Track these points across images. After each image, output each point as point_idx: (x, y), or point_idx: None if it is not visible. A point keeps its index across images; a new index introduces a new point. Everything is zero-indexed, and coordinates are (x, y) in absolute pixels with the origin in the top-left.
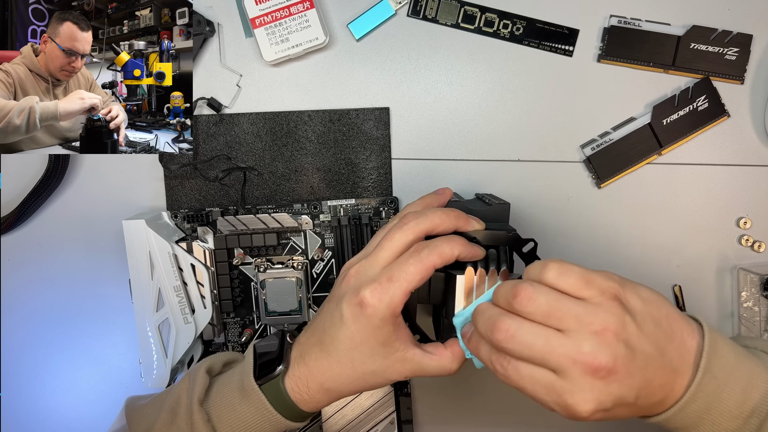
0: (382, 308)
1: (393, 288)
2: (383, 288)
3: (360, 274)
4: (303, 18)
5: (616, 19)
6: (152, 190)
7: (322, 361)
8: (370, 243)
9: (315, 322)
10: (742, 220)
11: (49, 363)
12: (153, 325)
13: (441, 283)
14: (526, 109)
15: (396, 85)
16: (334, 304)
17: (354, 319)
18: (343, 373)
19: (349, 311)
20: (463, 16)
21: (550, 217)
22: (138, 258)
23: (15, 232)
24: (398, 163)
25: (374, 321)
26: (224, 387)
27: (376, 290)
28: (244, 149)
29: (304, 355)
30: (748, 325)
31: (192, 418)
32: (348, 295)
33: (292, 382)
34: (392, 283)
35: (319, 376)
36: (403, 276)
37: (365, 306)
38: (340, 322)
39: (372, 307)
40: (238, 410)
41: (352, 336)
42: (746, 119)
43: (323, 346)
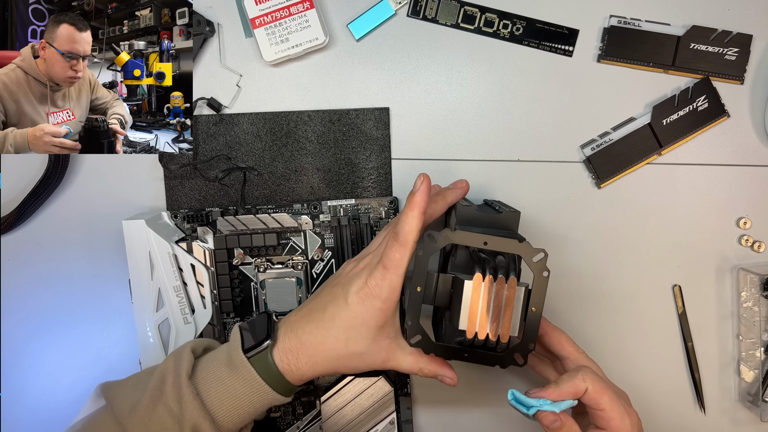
0: (384, 293)
1: (390, 275)
2: (383, 276)
3: (367, 266)
4: (303, 18)
5: (616, 19)
6: (152, 190)
7: (316, 336)
8: (373, 241)
9: (312, 304)
10: (742, 220)
11: (49, 363)
12: (153, 325)
13: (448, 286)
14: (526, 109)
15: (396, 85)
16: (339, 289)
17: (359, 302)
18: (334, 348)
19: (356, 298)
20: (463, 17)
21: (550, 217)
22: (138, 258)
23: (15, 232)
24: (398, 163)
25: (377, 304)
26: (211, 363)
27: (378, 278)
28: (244, 149)
29: (296, 330)
30: (747, 325)
31: (180, 392)
32: (356, 283)
33: (281, 354)
34: (387, 270)
35: (311, 349)
36: (393, 263)
37: (371, 292)
38: (344, 304)
39: (376, 293)
40: (226, 383)
41: (354, 316)
42: (746, 119)
43: (321, 323)
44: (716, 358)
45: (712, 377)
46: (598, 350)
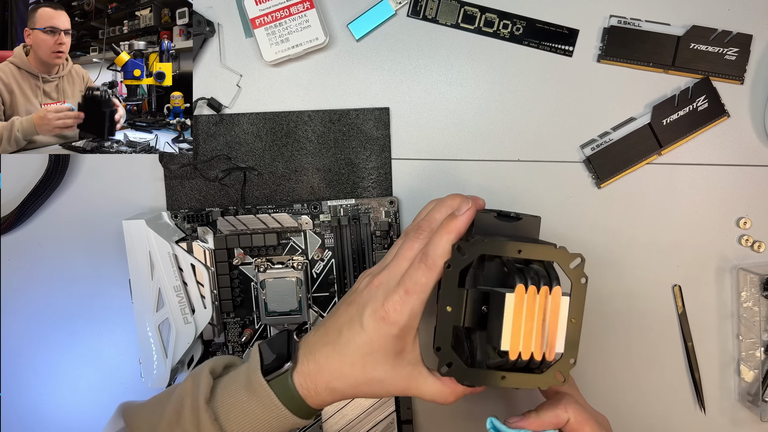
0: (403, 320)
1: (411, 300)
2: (403, 301)
3: (383, 285)
4: (303, 18)
5: (615, 19)
6: (152, 190)
7: (334, 361)
8: (389, 252)
9: (329, 323)
10: (742, 220)
11: (49, 363)
12: (153, 325)
13: (480, 303)
14: (526, 109)
15: (396, 85)
16: (354, 310)
17: (375, 329)
18: (352, 375)
19: (372, 321)
20: (463, 17)
21: (550, 217)
22: (138, 258)
23: (15, 232)
24: (398, 163)
25: (394, 331)
26: (230, 385)
27: (397, 303)
28: (244, 149)
29: (314, 353)
30: (747, 325)
31: (198, 417)
32: (371, 305)
33: (301, 378)
34: (410, 296)
35: (328, 374)
36: (417, 288)
37: (388, 318)
38: (360, 329)
39: (394, 319)
40: (245, 407)
41: (371, 342)
42: (746, 119)
43: (338, 347)
44: (716, 358)
45: (712, 377)
46: (598, 350)
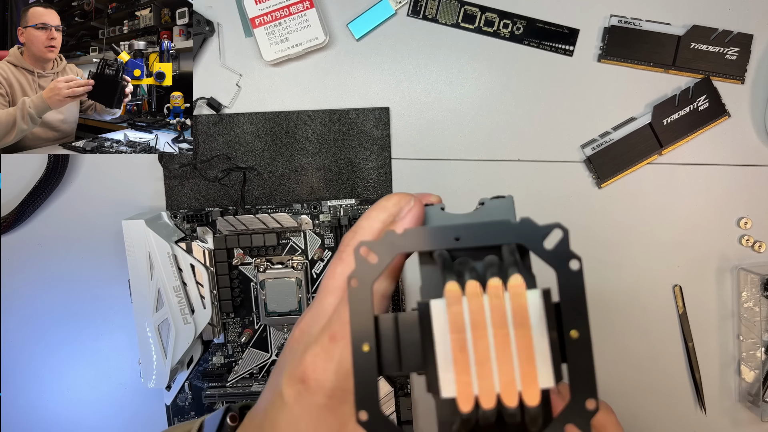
0: (328, 380)
1: (338, 349)
2: (327, 352)
3: (304, 335)
4: (303, 18)
5: (616, 18)
6: (152, 190)
7: None
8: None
9: (259, 401)
10: (743, 220)
11: (49, 363)
12: (152, 326)
13: (415, 330)
14: (526, 109)
15: (396, 85)
16: (276, 377)
17: (296, 399)
18: None
19: (290, 389)
20: (463, 16)
21: (550, 218)
22: (137, 258)
23: (15, 232)
24: (398, 163)
25: (320, 399)
26: None
27: (319, 357)
28: (243, 149)
29: None
30: (748, 325)
31: None
32: (288, 368)
33: None
34: (336, 342)
35: None
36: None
37: (307, 380)
38: (280, 403)
39: (315, 381)
40: None
41: (296, 421)
42: (746, 119)
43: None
44: (716, 358)
45: (713, 377)
46: (599, 351)
